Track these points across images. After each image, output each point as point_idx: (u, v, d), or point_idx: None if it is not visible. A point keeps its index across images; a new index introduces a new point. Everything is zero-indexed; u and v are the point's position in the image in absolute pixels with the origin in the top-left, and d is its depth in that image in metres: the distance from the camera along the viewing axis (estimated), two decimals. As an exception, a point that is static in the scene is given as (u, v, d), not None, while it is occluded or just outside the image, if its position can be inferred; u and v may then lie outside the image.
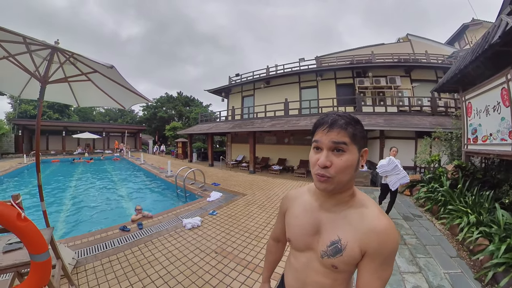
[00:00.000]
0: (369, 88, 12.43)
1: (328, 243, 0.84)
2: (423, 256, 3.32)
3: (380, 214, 0.81)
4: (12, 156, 19.20)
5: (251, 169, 12.62)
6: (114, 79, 3.09)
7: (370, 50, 14.16)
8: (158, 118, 34.97)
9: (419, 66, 12.08)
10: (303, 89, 14.49)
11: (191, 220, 4.44)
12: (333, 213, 0.88)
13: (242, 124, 13.78)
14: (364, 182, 8.46)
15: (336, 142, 0.78)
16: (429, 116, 9.80)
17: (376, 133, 9.76)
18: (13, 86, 3.43)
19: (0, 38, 2.40)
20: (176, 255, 3.32)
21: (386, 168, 4.62)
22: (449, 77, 5.82)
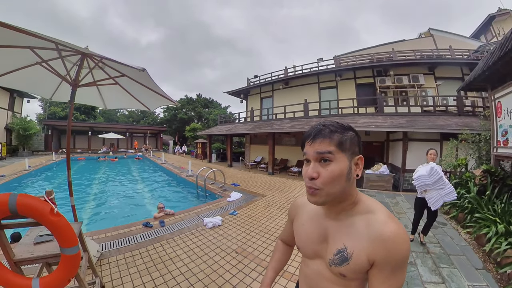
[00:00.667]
0: (391, 87, 12.02)
1: (334, 252, 0.83)
2: (447, 266, 3.20)
3: (387, 220, 0.77)
4: (42, 154, 20.74)
5: (269, 171, 12.66)
6: (142, 82, 3.25)
7: (391, 47, 13.69)
8: (178, 119, 36.04)
9: (443, 63, 11.43)
10: (322, 90, 14.32)
11: (212, 219, 4.58)
12: (338, 221, 0.86)
13: (261, 126, 13.85)
14: (386, 186, 8.21)
15: (320, 152, 0.77)
16: (455, 116, 9.36)
17: (398, 135, 9.42)
18: (45, 90, 3.68)
19: (34, 45, 2.60)
20: (197, 253, 3.45)
21: (426, 181, 3.54)
22: (476, 75, 5.52)
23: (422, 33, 16.60)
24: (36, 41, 2.43)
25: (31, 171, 11.23)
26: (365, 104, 12.15)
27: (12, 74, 2.99)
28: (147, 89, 3.38)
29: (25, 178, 10.21)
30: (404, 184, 8.88)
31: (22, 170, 11.11)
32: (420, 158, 8.64)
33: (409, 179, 8.89)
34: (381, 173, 8.43)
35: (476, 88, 6.59)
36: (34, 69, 3.00)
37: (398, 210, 5.62)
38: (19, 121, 19.19)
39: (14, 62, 2.87)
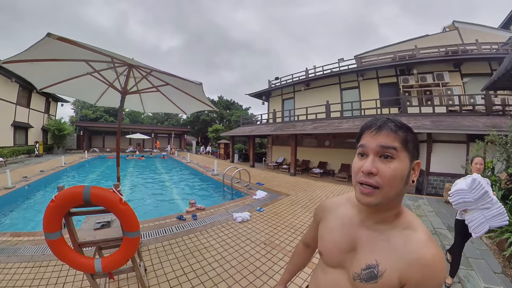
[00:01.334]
0: (415, 86, 11.66)
1: (363, 266, 0.76)
2: (464, 268, 3.28)
3: (428, 241, 0.71)
4: (74, 152, 23.04)
5: (291, 171, 12.87)
6: (186, 91, 3.62)
7: (413, 44, 13.13)
8: (201, 120, 37.32)
9: (469, 59, 10.72)
10: (344, 90, 14.25)
11: (241, 214, 5.00)
12: (374, 231, 0.78)
13: (283, 127, 14.13)
14: (409, 189, 8.13)
15: (384, 146, 0.71)
16: (483, 116, 8.97)
17: (422, 136, 9.18)
18: (91, 96, 4.15)
19: (89, 58, 3.00)
20: (229, 243, 3.84)
21: (466, 197, 2.69)
22: (501, 73, 5.34)
23: (446, 26, 15.67)
24: (92, 55, 2.79)
25: (67, 168, 12.44)
26: (388, 104, 12.00)
27: (64, 83, 3.43)
28: (187, 95, 3.74)
29: (61, 173, 11.39)
30: (428, 188, 8.75)
31: (59, 166, 12.35)
32: (445, 160, 8.58)
33: (433, 183, 8.80)
34: None
35: (502, 87, 6.41)
36: (83, 78, 3.44)
37: (420, 212, 5.71)
38: (54, 122, 21.57)
39: (68, 72, 3.27)
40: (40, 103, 20.74)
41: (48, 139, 22.04)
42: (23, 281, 2.72)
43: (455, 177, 8.26)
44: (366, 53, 15.64)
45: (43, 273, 2.89)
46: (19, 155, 16.07)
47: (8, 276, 2.80)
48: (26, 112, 18.14)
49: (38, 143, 18.43)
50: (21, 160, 15.32)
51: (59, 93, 3.67)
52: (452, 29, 14.55)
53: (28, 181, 8.34)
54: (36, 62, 2.72)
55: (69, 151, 22.73)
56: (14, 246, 3.56)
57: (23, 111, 17.73)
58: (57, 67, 3.01)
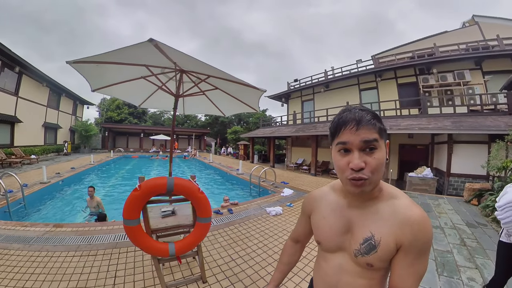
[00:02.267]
0: (435, 86, 11.68)
1: (361, 241, 0.82)
2: (481, 257, 3.52)
3: (411, 204, 0.79)
4: (99, 151, 24.72)
5: (312, 172, 13.29)
6: (236, 95, 3.72)
7: (432, 42, 13.09)
8: (220, 122, 38.21)
9: (491, 56, 10.52)
10: (362, 91, 14.54)
11: (274, 209, 5.59)
12: (363, 209, 0.86)
13: (304, 128, 14.61)
14: (429, 190, 8.36)
15: (367, 141, 0.75)
16: (506, 115, 8.95)
17: (443, 137, 9.41)
18: (136, 99, 4.35)
19: (151, 63, 3.00)
20: (267, 233, 4.37)
21: None
22: None
23: (466, 21, 15.48)
24: (153, 61, 2.87)
25: (95, 165, 13.60)
26: (408, 105, 12.10)
27: (115, 86, 3.53)
28: (233, 98, 3.79)
29: (90, 170, 12.49)
30: (449, 189, 8.87)
31: (88, 164, 13.57)
32: (466, 161, 8.67)
33: (454, 184, 8.91)
34: (425, 176, 8.58)
35: None
36: (134, 81, 3.54)
37: (440, 210, 6.01)
38: (82, 124, 23.50)
39: (123, 75, 3.38)
40: (68, 105, 22.60)
41: (75, 139, 24.07)
42: (73, 268, 2.94)
43: (476, 178, 8.37)
44: (383, 53, 15.82)
45: (92, 261, 3.12)
46: (49, 153, 17.48)
47: (57, 264, 3.03)
48: (55, 114, 19.84)
49: (66, 142, 20.19)
50: (51, 158, 16.74)
51: (107, 94, 3.86)
52: (472, 24, 14.30)
53: (62, 177, 9.14)
54: (102, 64, 2.78)
55: (94, 151, 24.26)
56: (59, 236, 3.85)
57: (53, 113, 19.36)
58: (117, 70, 3.10)
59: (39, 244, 3.57)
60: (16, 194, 6.30)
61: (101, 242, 3.72)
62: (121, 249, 3.51)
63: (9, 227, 4.17)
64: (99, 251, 3.42)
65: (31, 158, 13.28)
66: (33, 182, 7.79)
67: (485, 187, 6.65)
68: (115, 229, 4.26)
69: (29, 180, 8.04)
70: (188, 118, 43.52)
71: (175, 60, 2.82)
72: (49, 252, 3.32)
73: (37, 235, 3.86)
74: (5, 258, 3.13)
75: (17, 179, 5.75)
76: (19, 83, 14.27)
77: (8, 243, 3.54)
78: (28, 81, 15.19)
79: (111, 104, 36.01)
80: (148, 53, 2.54)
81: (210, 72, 3.19)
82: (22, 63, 13.36)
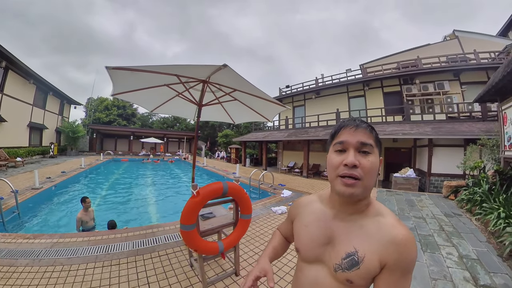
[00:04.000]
0: (417, 95, 12.64)
1: (343, 255, 0.79)
2: (457, 238, 4.31)
3: (397, 224, 0.79)
4: (86, 154, 23.88)
5: (304, 174, 13.95)
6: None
7: (416, 54, 14.07)
8: (210, 125, 38.35)
9: (468, 69, 11.70)
10: (351, 99, 15.34)
11: (279, 208, 6.14)
12: (348, 222, 0.84)
13: (297, 133, 15.27)
14: (412, 188, 9.11)
15: (363, 142, 0.78)
16: (479, 122, 9.99)
17: (424, 141, 10.35)
18: (149, 104, 4.47)
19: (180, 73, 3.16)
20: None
21: None
22: (485, 91, 6.45)
23: (447, 35, 16.79)
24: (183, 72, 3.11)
25: (86, 169, 13.27)
26: (393, 112, 12.99)
27: (133, 92, 3.60)
28: (260, 99, 3.78)
29: (82, 175, 12.18)
30: (430, 187, 9.83)
31: (78, 168, 13.06)
32: (444, 162, 9.63)
33: (435, 182, 9.90)
34: (408, 176, 9.37)
35: (489, 100, 7.44)
36: (152, 89, 3.66)
37: (422, 205, 6.74)
38: (69, 125, 22.54)
39: (145, 83, 3.49)
40: (55, 105, 21.63)
41: (62, 140, 23.01)
42: (99, 280, 2.79)
43: (454, 177, 9.29)
44: (371, 62, 16.70)
45: (117, 271, 3.01)
46: (34, 155, 16.46)
47: (79, 278, 2.83)
48: (41, 114, 18.75)
49: (53, 144, 19.12)
50: (37, 160, 15.85)
51: (123, 98, 3.90)
52: (452, 38, 15.48)
53: (54, 182, 8.74)
54: (135, 72, 2.81)
55: (81, 153, 23.60)
56: (70, 247, 3.58)
57: (39, 112, 18.34)
58: (144, 77, 3.18)
59: (50, 257, 3.26)
60: (7, 201, 5.78)
61: (121, 251, 3.57)
62: (144, 256, 3.46)
63: (8, 240, 3.73)
64: (122, 260, 3.29)
65: (16, 161, 12.44)
66: (24, 188, 7.31)
67: (461, 184, 7.42)
68: (130, 236, 4.15)
69: (18, 185, 7.37)
70: (178, 121, 43.31)
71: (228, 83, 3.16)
72: (65, 266, 3.06)
73: (44, 248, 3.53)
74: (13, 277, 2.78)
75: (9, 185, 5.34)
76: (4, 79, 13.34)
77: (13, 259, 3.16)
78: (14, 77, 14.34)
79: (99, 104, 34.96)
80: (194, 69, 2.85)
81: (241, 88, 3.48)
82: (9, 58, 12.59)
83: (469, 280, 3.04)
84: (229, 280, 2.97)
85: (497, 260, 3.56)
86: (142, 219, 6.85)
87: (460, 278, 3.09)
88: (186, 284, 2.84)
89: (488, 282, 2.99)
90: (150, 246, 3.83)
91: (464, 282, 2.99)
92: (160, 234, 4.35)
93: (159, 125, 42.76)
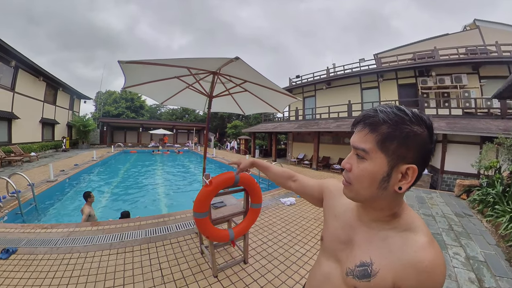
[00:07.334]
0: (433, 88, 12.26)
1: (357, 262, 0.74)
2: (465, 239, 4.22)
3: (427, 245, 0.65)
4: (97, 146, 24.90)
5: (314, 167, 14.00)
6: (264, 84, 3.74)
7: (433, 45, 13.37)
8: (219, 116, 38.69)
9: (488, 62, 11.06)
10: (364, 90, 15.06)
11: (288, 199, 6.26)
12: (370, 228, 0.76)
13: (307, 124, 15.21)
14: (424, 185, 8.94)
15: (355, 146, 0.70)
16: (498, 119, 9.70)
17: (438, 136, 9.98)
18: (159, 96, 4.65)
19: (191, 66, 3.26)
20: (287, 220, 5.02)
21: None
22: (505, 87, 6.21)
23: (467, 25, 15.89)
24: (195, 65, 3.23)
25: (98, 162, 13.84)
26: (407, 105, 12.05)
27: (145, 84, 3.76)
28: (271, 90, 3.84)
29: (94, 167, 12.75)
30: (442, 185, 9.69)
31: (90, 160, 13.73)
32: (458, 160, 9.48)
33: (447, 180, 9.73)
34: None
35: (509, 96, 7.17)
36: (162, 80, 3.79)
37: (432, 202, 6.69)
38: (79, 119, 23.66)
39: (156, 75, 3.64)
40: (65, 100, 22.58)
41: (73, 134, 23.98)
42: (113, 266, 3.03)
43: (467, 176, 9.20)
44: (386, 52, 16.27)
45: (131, 258, 3.24)
46: (47, 150, 17.36)
47: (95, 264, 3.07)
48: (52, 109, 19.72)
49: (65, 138, 20.10)
50: (50, 154, 16.73)
51: (134, 91, 4.03)
52: (473, 28, 14.72)
53: (68, 174, 9.24)
54: (147, 65, 2.92)
55: (92, 146, 24.61)
56: (86, 236, 3.85)
57: (50, 108, 19.26)
58: (155, 70, 3.33)
59: (67, 246, 3.54)
60: (25, 194, 6.17)
61: (134, 239, 3.82)
62: (156, 243, 3.70)
63: (27, 230, 4.07)
64: (135, 247, 3.53)
65: (31, 156, 13.21)
66: (40, 181, 7.81)
67: (474, 183, 7.28)
68: (142, 225, 4.40)
69: (34, 179, 7.86)
70: (187, 112, 43.77)
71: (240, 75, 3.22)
72: (81, 253, 3.32)
73: (61, 237, 3.82)
74: (34, 264, 3.06)
75: (26, 179, 5.77)
76: (15, 78, 14.13)
77: (32, 247, 3.46)
78: (24, 75, 15.11)
79: (108, 98, 36.02)
80: (205, 62, 2.98)
81: (251, 79, 3.58)
82: (18, 57, 13.25)
83: (474, 281, 3.09)
84: (238, 267, 3.16)
85: (505, 264, 3.55)
86: (154, 209, 7.17)
87: (465, 278, 3.15)
88: (196, 270, 3.05)
89: (493, 285, 3.02)
90: (162, 234, 4.08)
91: (468, 283, 3.04)
92: (171, 223, 4.59)
93: (167, 116, 43.36)
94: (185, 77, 3.82)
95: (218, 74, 3.54)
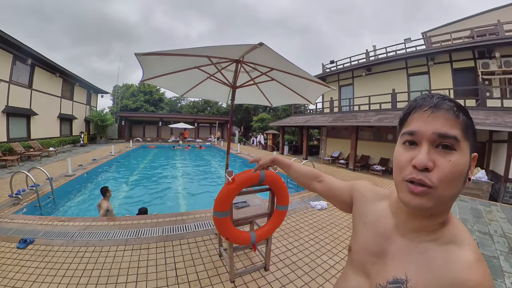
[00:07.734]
0: (497, 73, 10.95)
1: (390, 279, 0.68)
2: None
3: (475, 263, 0.59)
4: (115, 141, 26.34)
5: (350, 167, 13.59)
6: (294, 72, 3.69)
7: (496, 18, 11.95)
8: (244, 109, 38.79)
9: None
10: (411, 76, 14.13)
11: (319, 203, 6.21)
12: (409, 240, 0.71)
13: (343, 117, 14.78)
14: (482, 195, 8.02)
15: (443, 134, 0.60)
16: None
17: (503, 135, 9.04)
18: (179, 88, 4.79)
19: (211, 54, 3.35)
20: (316, 226, 4.99)
21: None
22: None
23: None
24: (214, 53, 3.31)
25: (116, 157, 14.91)
26: (464, 95, 11.75)
27: (164, 76, 3.93)
28: (301, 78, 3.77)
29: (112, 162, 13.77)
30: (505, 196, 8.66)
31: (109, 155, 14.86)
32: None
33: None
34: (478, 179, 8.28)
35: None
36: (181, 72, 3.94)
37: (491, 217, 6.13)
38: (97, 114, 25.38)
39: (175, 66, 3.77)
40: (82, 95, 24.26)
41: (91, 129, 25.85)
42: (128, 262, 3.24)
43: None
44: (436, 30, 15.31)
45: (146, 255, 3.47)
46: (65, 145, 19.07)
47: (109, 259, 3.32)
48: (70, 105, 21.45)
49: (83, 133, 21.93)
50: (68, 149, 18.26)
51: (153, 83, 4.25)
52: None
53: (86, 169, 10.02)
54: (165, 56, 3.12)
55: (110, 141, 26.16)
56: (102, 230, 4.18)
57: (67, 103, 20.97)
58: (174, 61, 3.47)
59: (83, 239, 3.89)
60: (43, 188, 6.78)
61: (151, 236, 4.09)
62: (173, 242, 3.90)
63: (45, 222, 4.49)
64: (151, 244, 3.77)
65: (50, 151, 14.72)
66: (58, 175, 8.57)
67: None
68: (160, 222, 4.68)
69: (53, 173, 8.45)
70: (209, 105, 44.59)
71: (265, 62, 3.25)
72: (97, 247, 3.62)
73: (78, 230, 4.19)
74: (50, 255, 3.40)
75: (45, 173, 6.23)
76: (32, 75, 15.64)
77: (49, 239, 3.84)
78: (41, 72, 16.60)
79: (125, 91, 37.93)
80: (226, 49, 3.04)
81: (278, 66, 3.58)
82: (33, 55, 14.50)
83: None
84: (257, 274, 3.23)
85: None
86: (173, 206, 7.53)
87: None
88: (213, 273, 3.14)
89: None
90: (179, 233, 4.29)
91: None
92: (190, 221, 4.78)
93: (188, 109, 44.63)
94: (206, 66, 3.87)
95: (241, 62, 3.55)
